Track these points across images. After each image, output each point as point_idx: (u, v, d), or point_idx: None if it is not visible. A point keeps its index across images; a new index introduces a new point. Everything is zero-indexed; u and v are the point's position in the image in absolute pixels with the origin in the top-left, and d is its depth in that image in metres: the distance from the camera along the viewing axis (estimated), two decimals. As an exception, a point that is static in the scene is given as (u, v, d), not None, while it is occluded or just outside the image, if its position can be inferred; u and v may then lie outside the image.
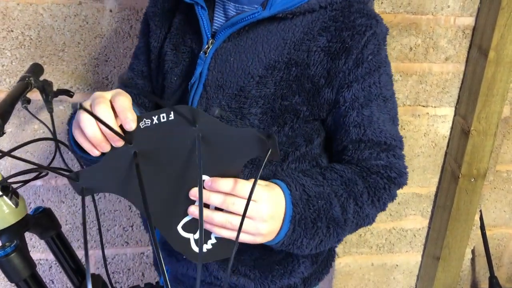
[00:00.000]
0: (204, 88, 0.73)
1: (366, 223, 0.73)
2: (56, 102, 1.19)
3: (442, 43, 1.23)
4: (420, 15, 1.20)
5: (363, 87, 0.71)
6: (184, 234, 0.63)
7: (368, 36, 0.69)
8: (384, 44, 0.73)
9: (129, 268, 1.45)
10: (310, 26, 0.70)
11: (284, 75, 0.70)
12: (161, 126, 0.56)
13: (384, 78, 0.73)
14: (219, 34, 0.72)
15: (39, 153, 1.26)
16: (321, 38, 0.70)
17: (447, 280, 1.49)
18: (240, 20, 0.69)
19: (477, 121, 1.26)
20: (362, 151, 0.73)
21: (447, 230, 1.40)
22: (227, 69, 0.72)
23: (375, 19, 0.72)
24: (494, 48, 1.17)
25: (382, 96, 0.73)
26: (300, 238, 0.66)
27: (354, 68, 0.70)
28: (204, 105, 0.73)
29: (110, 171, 0.59)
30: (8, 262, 0.75)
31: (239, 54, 0.71)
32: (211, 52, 0.72)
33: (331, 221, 0.68)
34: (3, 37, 1.13)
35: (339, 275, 1.51)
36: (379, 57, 0.72)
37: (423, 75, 1.26)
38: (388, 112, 0.74)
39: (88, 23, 1.15)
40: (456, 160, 1.34)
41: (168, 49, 0.79)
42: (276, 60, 0.70)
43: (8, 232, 0.77)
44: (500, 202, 1.59)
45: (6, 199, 0.76)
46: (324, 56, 0.69)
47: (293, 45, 0.70)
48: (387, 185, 0.73)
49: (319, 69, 0.70)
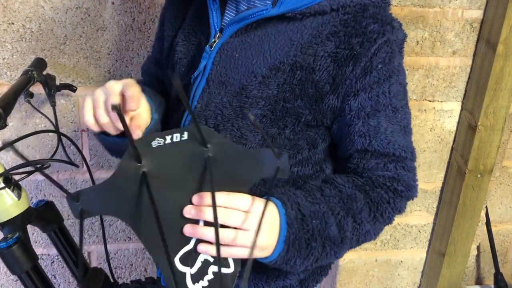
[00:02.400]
0: (207, 83, 0.72)
1: (368, 239, 0.71)
2: (58, 96, 1.18)
3: (449, 37, 1.21)
4: (428, 8, 1.18)
5: (371, 97, 0.68)
6: (181, 268, 0.60)
7: (379, 44, 0.66)
8: (399, 52, 0.70)
9: (131, 264, 1.44)
10: (320, 29, 0.67)
11: (288, 78, 0.68)
12: (173, 146, 0.55)
13: (395, 87, 0.69)
14: (227, 29, 0.70)
15: (41, 147, 1.24)
16: (329, 43, 0.67)
17: (452, 276, 1.48)
18: (248, 16, 0.67)
19: (484, 116, 1.24)
20: (368, 161, 0.71)
21: (452, 226, 1.39)
22: (231, 65, 0.70)
23: (391, 25, 0.68)
24: (503, 42, 1.16)
25: (392, 106, 0.69)
26: (293, 258, 0.64)
27: (362, 76, 0.66)
28: (206, 100, 0.72)
29: (115, 190, 0.56)
30: (10, 254, 0.75)
31: (245, 50, 0.69)
32: (217, 46, 0.71)
33: (327, 240, 0.66)
34: (4, 29, 1.12)
35: (343, 271, 1.50)
36: (391, 65, 0.68)
37: (429, 69, 1.25)
38: (399, 123, 0.71)
39: (90, 15, 1.14)
40: (463, 156, 1.33)
41: (180, 39, 0.78)
42: (281, 61, 0.68)
43: (11, 224, 0.77)
44: (506, 198, 1.58)
45: (9, 191, 0.76)
46: (330, 62, 0.66)
47: (300, 47, 0.68)
48: (392, 199, 0.70)
49: (325, 75, 0.67)
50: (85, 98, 0.63)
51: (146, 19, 1.16)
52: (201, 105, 0.72)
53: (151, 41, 1.18)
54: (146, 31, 1.17)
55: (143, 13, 1.16)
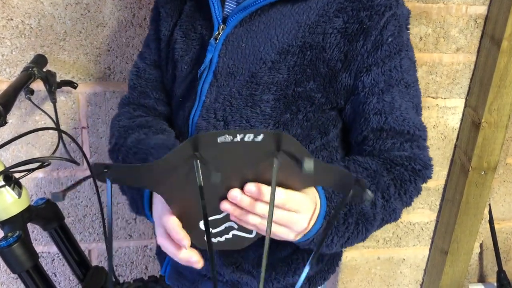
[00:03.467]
0: (214, 76, 0.71)
1: (392, 219, 0.70)
2: (58, 92, 1.17)
3: (453, 33, 1.20)
4: (431, 3, 1.17)
5: (383, 71, 0.67)
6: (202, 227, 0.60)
7: (387, 17, 0.66)
8: (406, 27, 0.70)
9: (132, 261, 1.43)
10: (326, 8, 0.67)
11: (298, 60, 0.67)
12: (240, 144, 0.52)
13: (406, 62, 0.69)
14: (231, 19, 0.69)
15: (41, 144, 1.24)
16: (337, 19, 0.67)
17: (455, 274, 1.47)
18: (252, 3, 0.67)
19: (488, 113, 1.23)
20: (384, 141, 0.70)
21: (455, 224, 1.38)
22: (238, 55, 0.69)
23: (396, 0, 0.68)
24: (508, 38, 1.14)
25: (404, 81, 0.69)
26: (331, 235, 0.63)
27: (373, 50, 0.66)
28: (214, 93, 0.71)
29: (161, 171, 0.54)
30: (11, 252, 0.75)
31: (251, 39, 0.69)
32: (221, 38, 0.70)
33: (361, 216, 0.65)
34: (3, 25, 1.11)
35: (346, 269, 1.49)
36: (400, 39, 0.68)
37: (433, 66, 1.24)
38: (411, 100, 0.70)
39: (89, 11, 1.13)
40: (466, 153, 1.32)
41: (178, 36, 0.76)
42: (289, 44, 0.67)
43: (11, 223, 0.77)
44: (509, 195, 1.58)
45: (9, 189, 0.75)
46: (340, 38, 0.66)
47: (307, 28, 0.67)
48: (412, 177, 0.69)
49: (336, 52, 0.67)
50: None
51: (146, 15, 1.15)
52: (210, 99, 0.71)
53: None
54: (146, 27, 1.16)
55: (143, 9, 1.14)
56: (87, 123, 1.24)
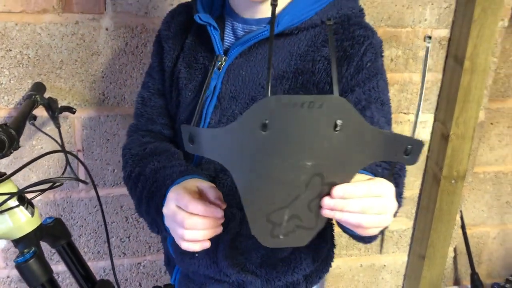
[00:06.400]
0: (218, 100, 0.79)
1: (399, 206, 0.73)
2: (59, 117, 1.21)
3: (421, 54, 1.31)
4: (400, 28, 1.27)
5: (364, 91, 0.77)
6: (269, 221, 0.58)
7: (366, 45, 0.76)
8: (380, 54, 0.80)
9: (126, 279, 1.47)
10: (314, 39, 0.77)
11: (292, 84, 0.77)
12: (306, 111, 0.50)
13: (381, 83, 0.80)
14: (232, 52, 0.78)
15: (38, 167, 1.28)
16: (324, 48, 0.77)
17: (433, 278, 1.55)
18: (251, 38, 0.76)
19: (455, 126, 1.34)
20: None
21: (431, 230, 1.47)
22: (239, 82, 0.78)
23: (371, 30, 0.79)
24: (469, 58, 1.26)
25: (380, 100, 0.79)
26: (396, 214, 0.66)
27: (355, 74, 0.76)
28: (218, 115, 0.80)
29: (232, 140, 0.53)
30: (27, 267, 0.79)
31: (250, 68, 0.78)
32: (224, 68, 0.79)
33: (399, 196, 0.75)
34: (2, 56, 1.16)
35: (330, 277, 1.56)
36: (376, 64, 0.78)
37: (404, 84, 1.34)
38: (385, 116, 0.80)
39: (85, 41, 1.19)
40: (437, 163, 1.41)
41: (181, 67, 0.84)
42: (284, 70, 0.77)
43: (25, 240, 0.81)
44: (478, 202, 1.67)
45: (23, 208, 0.80)
46: (327, 64, 0.76)
47: (299, 57, 0.77)
48: (398, 175, 0.79)
49: (323, 76, 0.76)
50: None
51: (138, 43, 1.22)
52: (214, 120, 0.80)
53: (143, 63, 1.24)
54: (138, 55, 1.23)
55: (135, 38, 1.21)
56: (82, 146, 1.28)
